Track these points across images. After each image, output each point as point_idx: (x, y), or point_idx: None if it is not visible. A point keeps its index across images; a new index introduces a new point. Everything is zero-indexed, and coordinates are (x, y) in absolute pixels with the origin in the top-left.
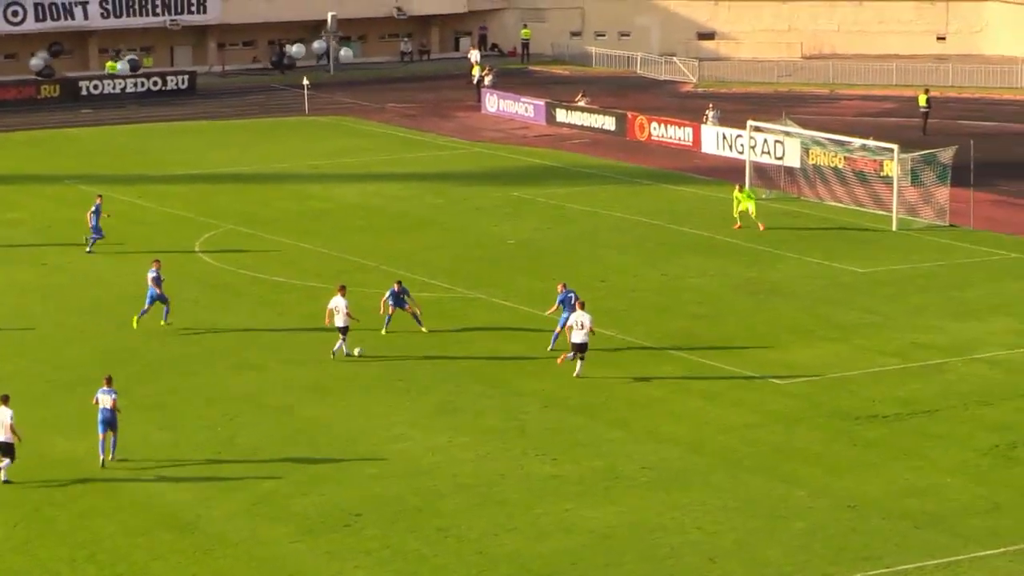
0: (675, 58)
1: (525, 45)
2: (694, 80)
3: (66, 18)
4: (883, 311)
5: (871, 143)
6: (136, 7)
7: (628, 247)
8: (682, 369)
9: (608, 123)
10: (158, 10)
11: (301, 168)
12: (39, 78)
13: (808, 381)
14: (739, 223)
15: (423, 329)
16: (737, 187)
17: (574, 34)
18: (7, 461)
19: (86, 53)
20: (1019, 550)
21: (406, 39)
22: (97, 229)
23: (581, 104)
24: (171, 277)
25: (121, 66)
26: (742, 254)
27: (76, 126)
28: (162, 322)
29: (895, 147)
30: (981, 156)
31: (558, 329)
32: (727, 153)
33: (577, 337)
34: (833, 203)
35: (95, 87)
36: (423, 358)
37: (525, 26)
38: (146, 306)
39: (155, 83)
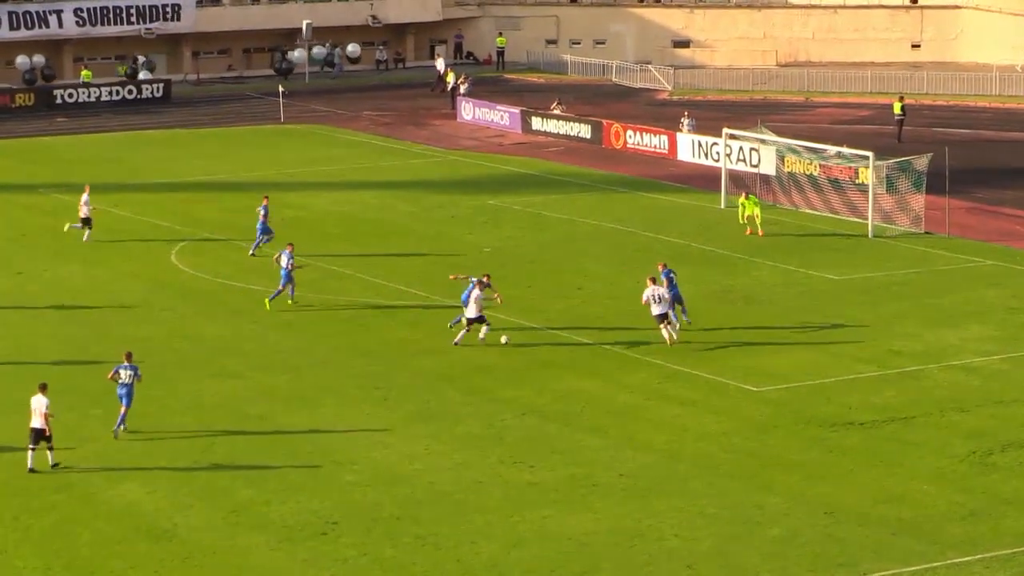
0: (650, 66)
1: (500, 53)
2: (669, 88)
3: (41, 26)
4: (859, 318)
5: (845, 151)
6: (110, 16)
7: (604, 255)
8: (659, 376)
9: (584, 131)
10: (132, 19)
11: (276, 176)
12: (13, 87)
13: (784, 388)
14: (749, 229)
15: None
16: (743, 193)
17: (549, 42)
18: (47, 447)
19: (61, 61)
20: (996, 557)
21: (381, 47)
22: (266, 229)
23: (556, 112)
24: (146, 286)
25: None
26: (718, 262)
27: (51, 134)
28: (289, 301)
29: (870, 155)
30: (956, 164)
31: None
32: (703, 161)
33: (657, 309)
34: (809, 211)
35: (70, 95)
36: (400, 366)
37: (500, 34)
38: (280, 288)
39: (130, 91)
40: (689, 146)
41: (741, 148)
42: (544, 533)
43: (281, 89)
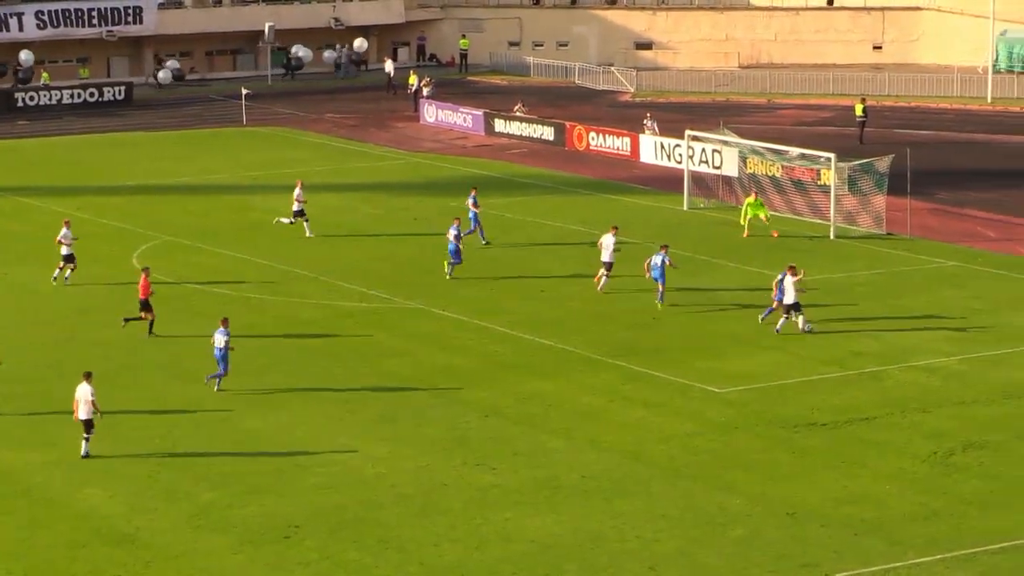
0: (613, 68)
1: (463, 55)
2: (632, 90)
3: (2, 30)
4: (821, 319)
5: (807, 152)
6: (72, 18)
7: (567, 257)
8: (622, 378)
9: (547, 133)
10: (94, 21)
11: (239, 179)
12: None
13: (747, 389)
14: (747, 232)
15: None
16: (753, 194)
17: (512, 44)
18: (89, 437)
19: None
20: (957, 557)
21: (331, 50)
22: (476, 219)
23: (519, 114)
24: (108, 288)
25: (163, 75)
26: (681, 263)
27: (12, 138)
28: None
29: (832, 156)
30: (918, 165)
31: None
32: (665, 163)
33: (789, 299)
34: (771, 212)
35: (31, 98)
36: (364, 368)
37: (464, 36)
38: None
39: (91, 94)
40: (652, 148)
41: (704, 150)
42: (507, 535)
43: (244, 91)
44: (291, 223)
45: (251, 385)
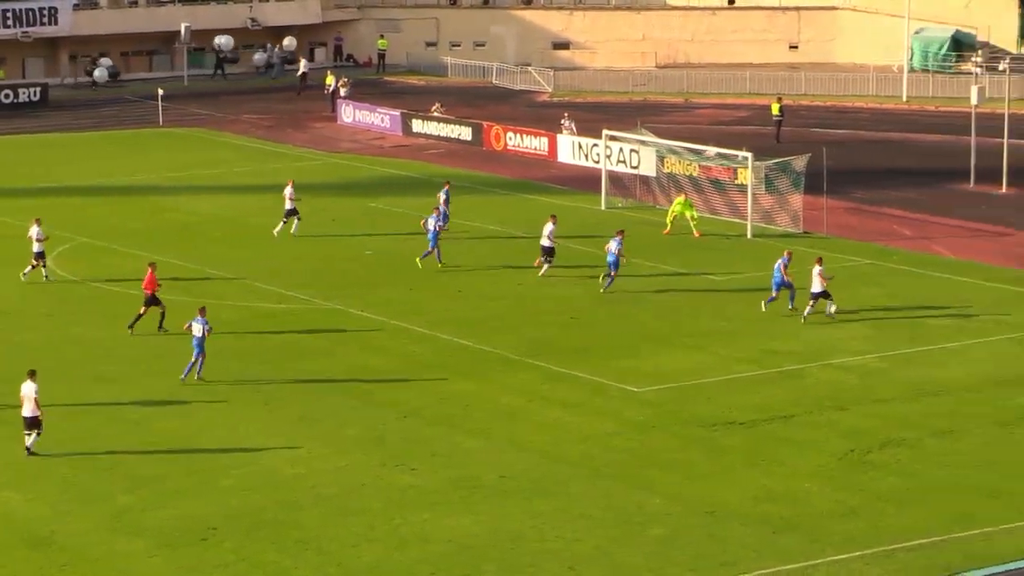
0: (530, 68)
1: (381, 55)
2: (549, 90)
3: None
4: (739, 318)
5: (724, 151)
6: None
7: (485, 256)
8: (541, 378)
9: (464, 133)
10: (9, 22)
11: (156, 180)
12: None
13: (665, 388)
14: (668, 229)
15: None
16: (683, 195)
17: (429, 44)
18: (35, 433)
19: None
20: (875, 553)
21: (261, 50)
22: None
23: (436, 114)
24: (23, 291)
25: (99, 73)
26: (599, 263)
27: None
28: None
29: (749, 155)
30: (834, 164)
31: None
32: (583, 162)
33: (816, 287)
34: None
35: None
36: (282, 369)
37: (382, 36)
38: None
39: (7, 95)
40: (569, 148)
41: (621, 149)
42: (426, 535)
43: (160, 92)
44: (284, 224)
45: (169, 386)
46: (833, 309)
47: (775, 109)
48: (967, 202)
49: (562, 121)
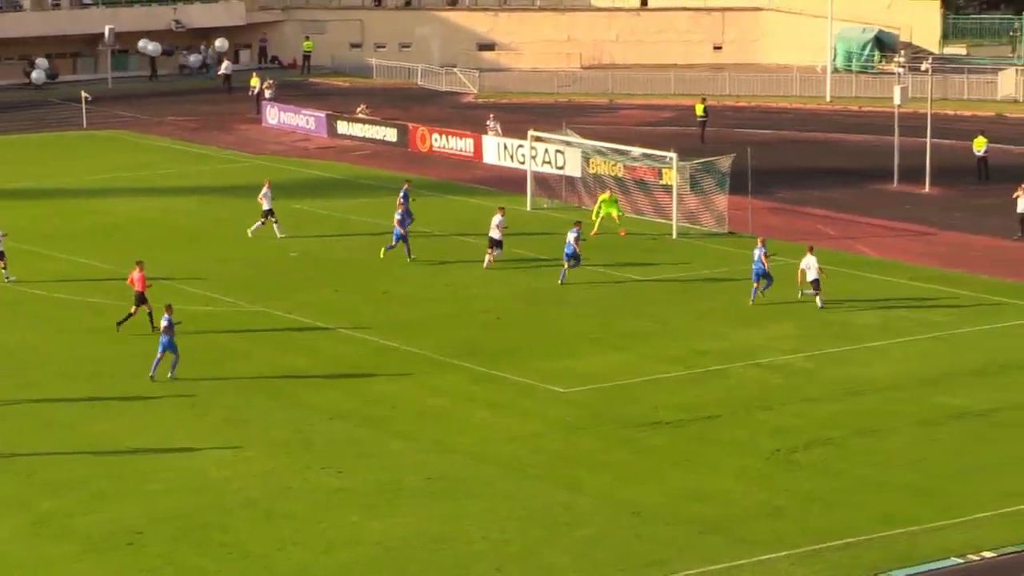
0: (456, 69)
1: (306, 57)
2: (475, 91)
3: None
4: (665, 318)
5: (648, 151)
6: None
7: (412, 259)
8: (467, 379)
9: (390, 135)
10: None
11: (80, 183)
12: None
13: (592, 389)
14: (595, 231)
15: None
16: (608, 192)
17: (354, 46)
18: None
19: None
20: (801, 553)
21: (185, 52)
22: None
23: (362, 116)
24: None
25: (36, 74)
26: (526, 264)
27: None
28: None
29: (674, 155)
30: (759, 164)
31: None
32: (509, 163)
33: (811, 275)
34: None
35: None
36: (208, 372)
37: (307, 38)
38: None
39: None
40: (495, 149)
41: (547, 150)
42: (353, 538)
43: (84, 95)
44: (262, 224)
45: (94, 390)
46: (817, 298)
47: (699, 110)
48: (891, 202)
49: (487, 122)
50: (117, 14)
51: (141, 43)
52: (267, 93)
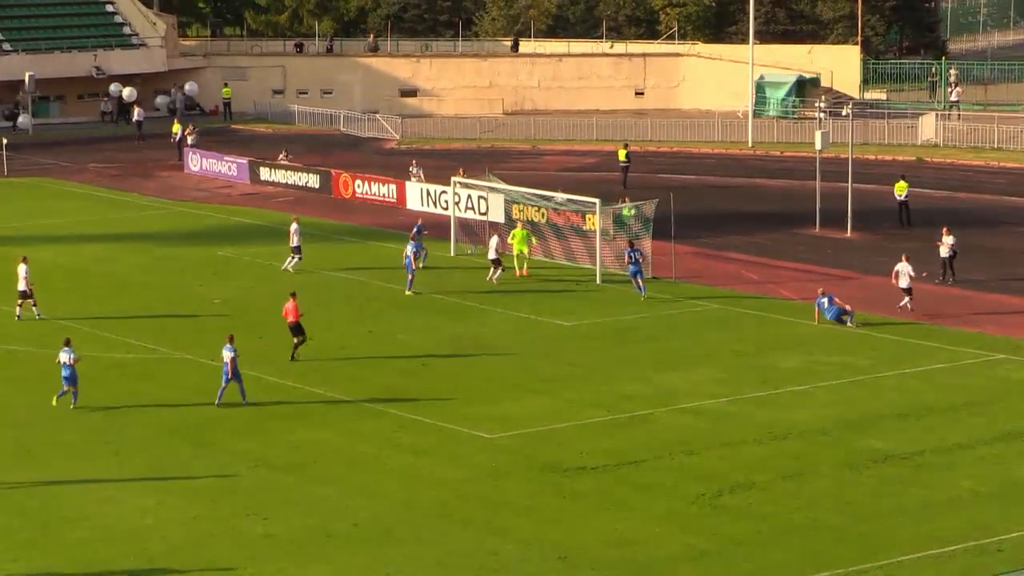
0: (378, 115)
1: (227, 104)
2: (397, 137)
3: None
4: (589, 363)
5: (571, 197)
6: None
7: (334, 304)
8: (392, 425)
9: (312, 181)
10: None
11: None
12: None
13: (517, 434)
14: (521, 271)
15: None
16: (520, 225)
17: (276, 92)
18: None
19: None
20: None
21: (106, 99)
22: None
23: (284, 162)
24: None
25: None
26: (449, 310)
27: None
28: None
29: (597, 201)
30: (681, 209)
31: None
32: (432, 209)
33: (903, 282)
34: (539, 257)
35: None
36: (130, 420)
37: (226, 85)
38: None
39: None
40: (418, 195)
41: (470, 196)
42: None
43: (3, 141)
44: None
45: (16, 438)
46: (909, 303)
47: (622, 155)
48: (813, 246)
49: (410, 168)
50: (38, 60)
51: (113, 87)
52: (189, 140)
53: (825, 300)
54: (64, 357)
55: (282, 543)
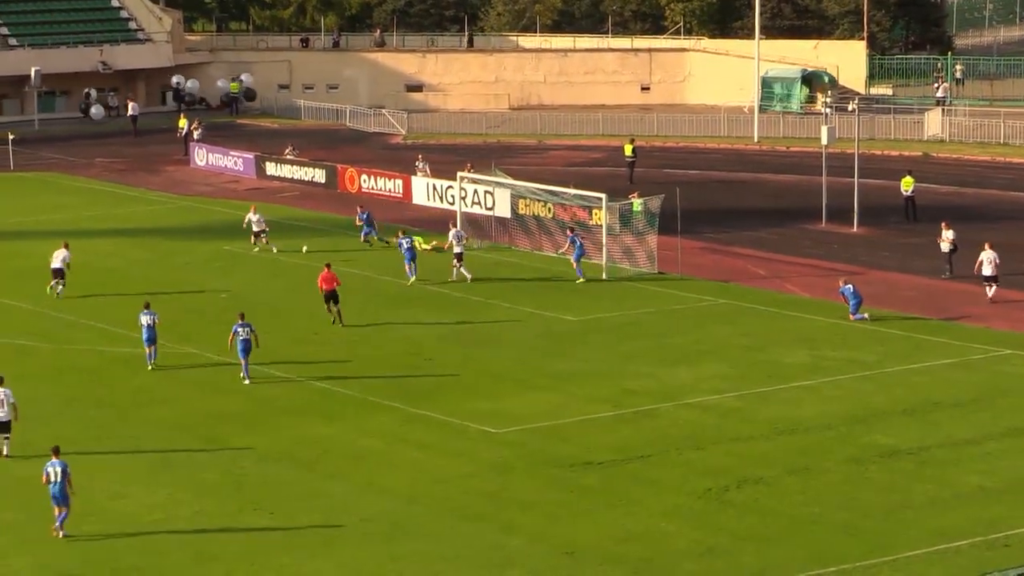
0: (384, 110)
1: (234, 99)
2: (403, 132)
3: None
4: (595, 359)
5: (580, 192)
6: None
7: (343, 299)
8: (398, 420)
9: (318, 175)
10: None
11: (5, 225)
12: None
13: (523, 429)
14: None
15: None
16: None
17: (282, 87)
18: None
19: None
20: None
21: (112, 94)
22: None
23: (290, 157)
24: None
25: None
26: (455, 304)
27: None
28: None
29: (603, 196)
30: (687, 204)
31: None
32: (438, 204)
33: (987, 270)
34: (544, 252)
35: None
36: (138, 415)
37: (233, 79)
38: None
39: None
40: (424, 190)
41: (476, 191)
42: None
43: (10, 136)
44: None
45: (23, 433)
46: (992, 292)
47: (628, 150)
48: (819, 241)
49: (416, 163)
50: (43, 56)
51: (174, 79)
52: (195, 134)
53: (851, 287)
54: (145, 319)
55: (288, 538)
